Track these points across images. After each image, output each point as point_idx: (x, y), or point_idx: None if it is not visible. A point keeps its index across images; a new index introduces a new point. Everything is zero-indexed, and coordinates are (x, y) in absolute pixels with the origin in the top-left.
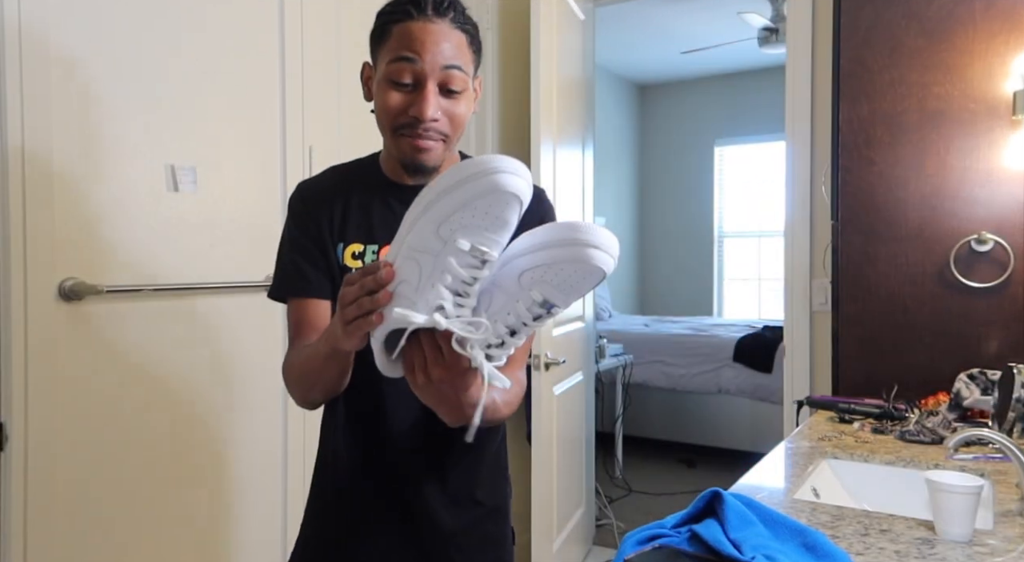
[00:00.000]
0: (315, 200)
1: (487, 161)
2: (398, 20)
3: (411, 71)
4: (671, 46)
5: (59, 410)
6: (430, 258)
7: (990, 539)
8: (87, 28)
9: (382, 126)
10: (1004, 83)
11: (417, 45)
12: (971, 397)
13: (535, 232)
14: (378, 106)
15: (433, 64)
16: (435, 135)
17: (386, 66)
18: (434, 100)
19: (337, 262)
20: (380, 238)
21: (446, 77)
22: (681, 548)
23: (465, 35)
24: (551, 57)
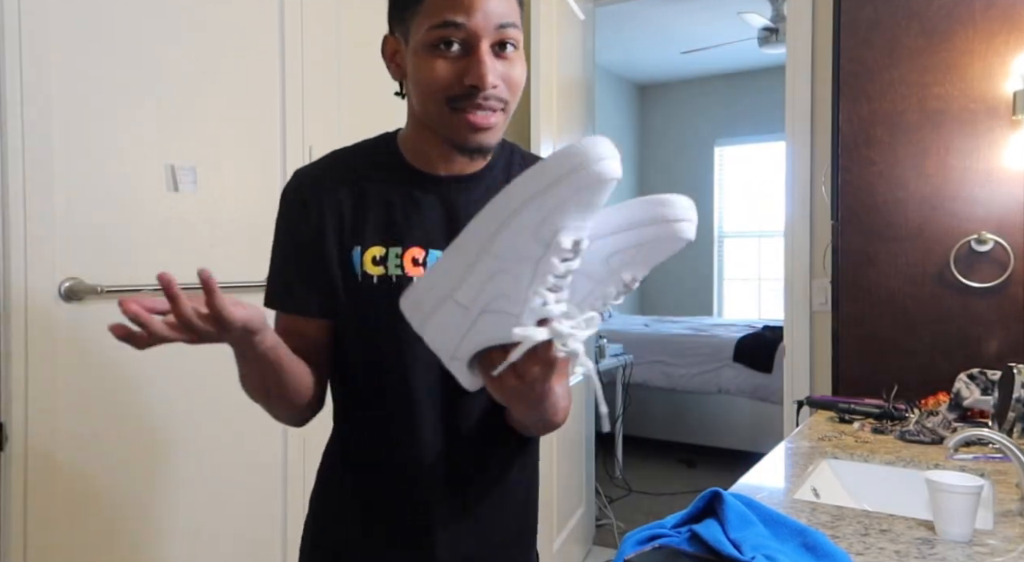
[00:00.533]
0: (316, 194)
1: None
2: None
3: (460, 34)
4: (671, 46)
5: (59, 410)
6: (530, 265)
7: (990, 539)
8: (87, 28)
9: (425, 103)
10: (1004, 83)
11: (464, 4)
12: (971, 397)
13: (617, 210)
14: (419, 81)
15: (486, 23)
16: (496, 103)
17: (426, 33)
18: (491, 63)
19: (353, 269)
20: (407, 240)
21: (501, 36)
22: (681, 548)
23: None
24: (551, 57)
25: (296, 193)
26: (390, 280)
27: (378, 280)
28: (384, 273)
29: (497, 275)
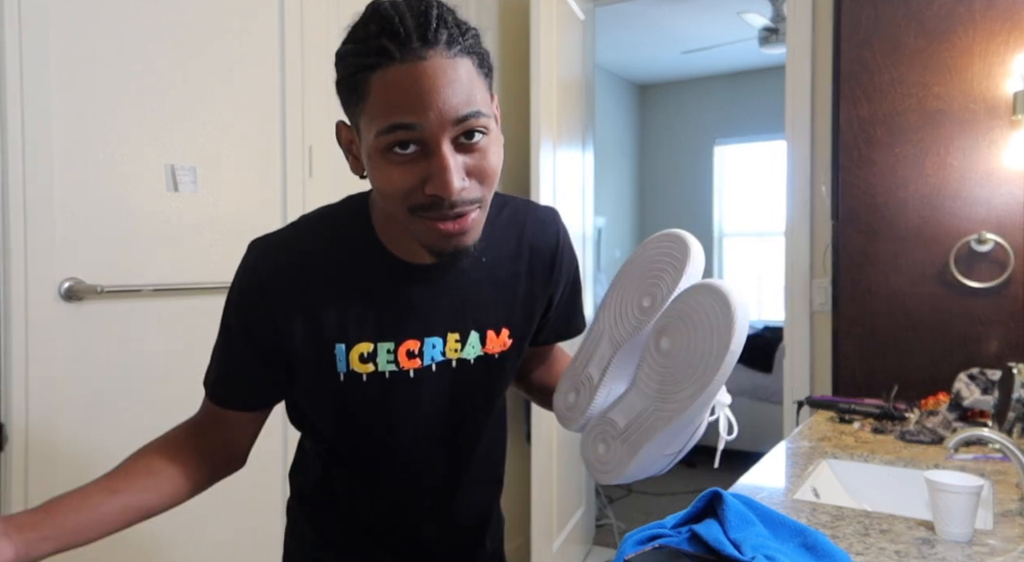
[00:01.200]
0: (285, 291)
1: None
2: (373, 66)
3: (413, 136)
4: (671, 46)
5: (59, 410)
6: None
7: (990, 539)
8: (87, 28)
9: (390, 208)
10: (1004, 83)
11: (414, 101)
12: (971, 397)
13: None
14: (377, 187)
15: (441, 121)
16: (466, 206)
17: (375, 138)
18: (455, 164)
19: (337, 368)
20: (400, 334)
21: (461, 130)
22: (681, 548)
23: (471, 58)
24: (551, 57)
25: (259, 290)
26: (382, 376)
27: (368, 378)
28: (374, 370)
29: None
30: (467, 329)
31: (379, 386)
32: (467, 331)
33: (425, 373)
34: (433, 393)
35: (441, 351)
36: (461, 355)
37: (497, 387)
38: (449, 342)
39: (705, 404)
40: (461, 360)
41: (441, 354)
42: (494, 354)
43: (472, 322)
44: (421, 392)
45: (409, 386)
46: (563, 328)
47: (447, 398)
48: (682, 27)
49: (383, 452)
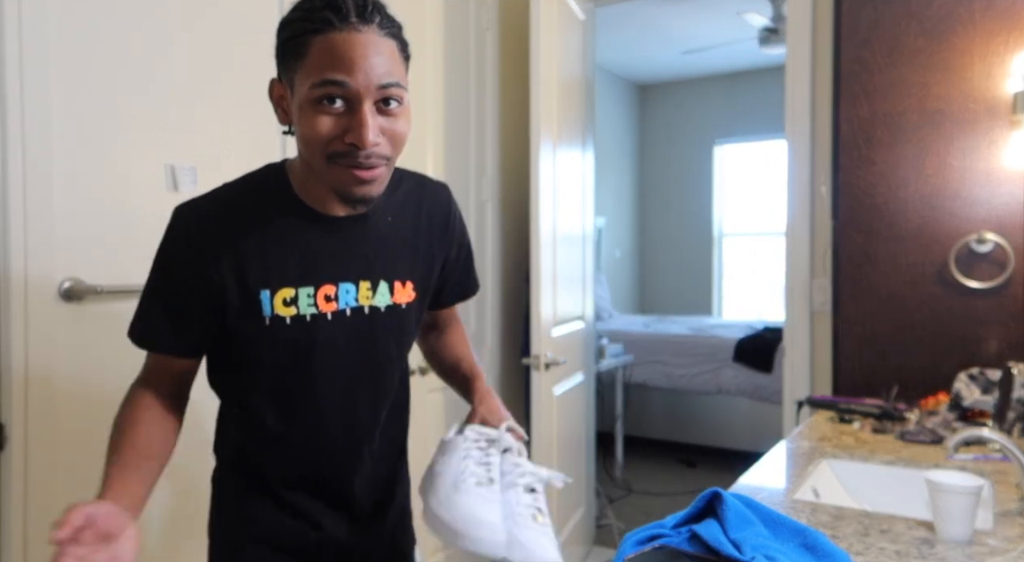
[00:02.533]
0: (211, 240)
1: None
2: (317, 30)
3: (342, 92)
4: (671, 46)
5: (59, 410)
6: None
7: (990, 539)
8: (87, 28)
9: (309, 156)
10: (1004, 83)
11: (346, 62)
12: (971, 397)
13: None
14: (304, 135)
15: (367, 83)
16: (377, 160)
17: (309, 90)
18: (372, 122)
19: (263, 312)
20: (317, 279)
21: (383, 94)
22: (681, 548)
23: (395, 42)
24: (551, 57)
25: (187, 236)
26: (303, 319)
27: (291, 320)
28: (296, 313)
29: None
30: (377, 278)
31: (301, 328)
32: (377, 280)
33: (341, 317)
34: (349, 335)
35: (355, 297)
36: (372, 302)
37: (405, 337)
38: (361, 289)
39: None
40: (373, 307)
41: (355, 300)
42: (401, 304)
43: (380, 272)
44: (338, 334)
45: (328, 328)
46: (460, 289)
47: (361, 342)
48: (682, 27)
49: (304, 399)
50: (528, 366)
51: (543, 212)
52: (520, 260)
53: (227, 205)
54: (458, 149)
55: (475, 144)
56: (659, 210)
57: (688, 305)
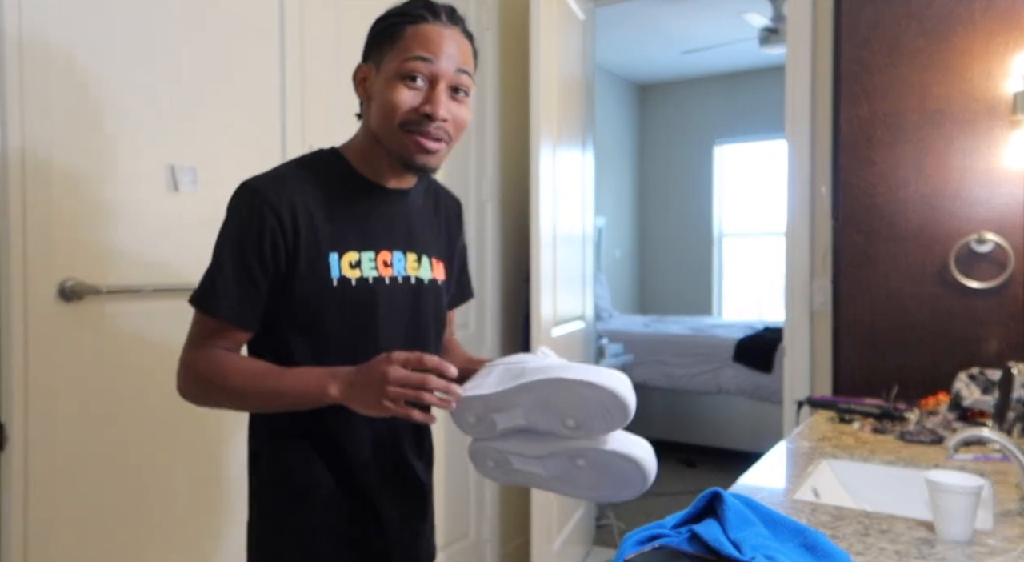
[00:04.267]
0: (279, 207)
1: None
2: (412, 21)
3: (426, 70)
4: (671, 46)
5: (59, 410)
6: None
7: (990, 539)
8: (87, 28)
9: (383, 122)
10: (1004, 83)
11: (434, 46)
12: (971, 397)
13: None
14: (384, 102)
15: (448, 66)
16: (443, 134)
17: (400, 64)
18: (446, 100)
19: (331, 273)
20: (378, 244)
21: (457, 80)
22: (681, 548)
23: (471, 45)
24: (551, 57)
25: (253, 206)
26: (367, 281)
27: (356, 282)
28: (360, 276)
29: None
30: (420, 252)
31: (366, 290)
32: (420, 254)
33: (396, 282)
34: (404, 303)
35: (404, 266)
36: (419, 274)
37: (440, 314)
38: (409, 260)
39: None
40: (419, 279)
41: (404, 269)
42: (438, 280)
43: (422, 247)
44: (396, 299)
45: (387, 292)
46: (458, 293)
47: (412, 311)
48: (682, 27)
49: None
50: None
51: (543, 212)
52: (520, 260)
53: (290, 177)
54: (458, 149)
55: (475, 144)
56: (659, 210)
57: (688, 305)
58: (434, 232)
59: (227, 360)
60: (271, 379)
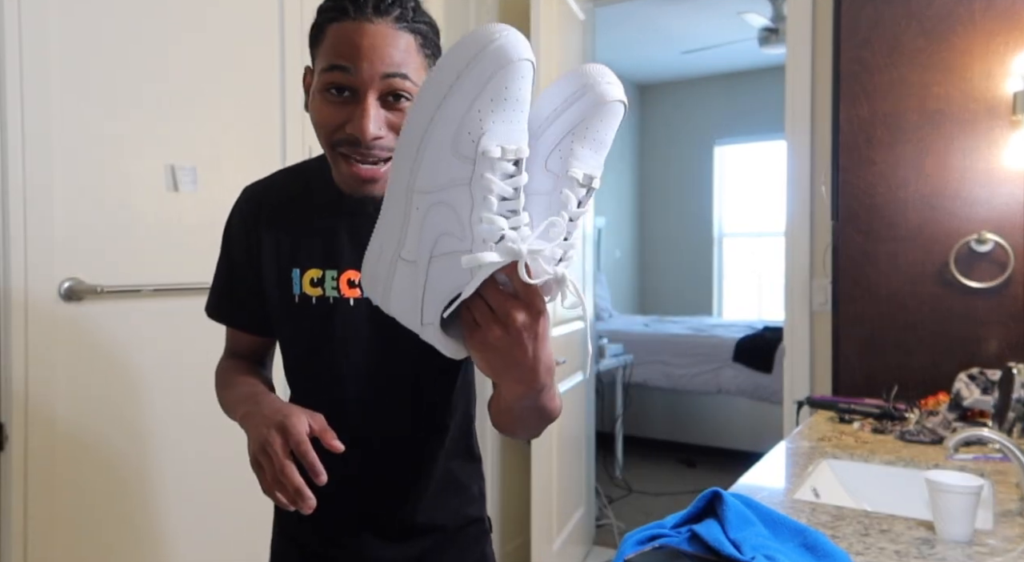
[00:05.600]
0: (257, 217)
1: (478, 34)
2: (332, 19)
3: (347, 81)
4: (671, 46)
5: (59, 410)
6: (462, 191)
7: (990, 539)
8: (87, 28)
9: (320, 142)
10: (1004, 83)
11: (353, 50)
12: (971, 397)
13: (533, 106)
14: (312, 119)
15: (371, 73)
16: (380, 152)
17: (319, 75)
18: (375, 114)
19: (293, 289)
20: (343, 263)
21: (387, 86)
22: (681, 548)
23: (414, 36)
24: (551, 57)
25: (241, 213)
26: (327, 301)
27: (316, 301)
28: (322, 294)
29: (431, 212)
30: None
31: (324, 309)
32: None
33: (364, 304)
34: (371, 324)
35: None
36: None
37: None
38: None
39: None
40: None
41: None
42: None
43: None
44: (359, 321)
45: (349, 313)
46: None
47: (384, 332)
48: (682, 27)
49: (327, 384)
50: None
51: None
52: None
53: (275, 185)
54: None
55: None
56: (659, 210)
57: (688, 305)
58: None
59: (223, 376)
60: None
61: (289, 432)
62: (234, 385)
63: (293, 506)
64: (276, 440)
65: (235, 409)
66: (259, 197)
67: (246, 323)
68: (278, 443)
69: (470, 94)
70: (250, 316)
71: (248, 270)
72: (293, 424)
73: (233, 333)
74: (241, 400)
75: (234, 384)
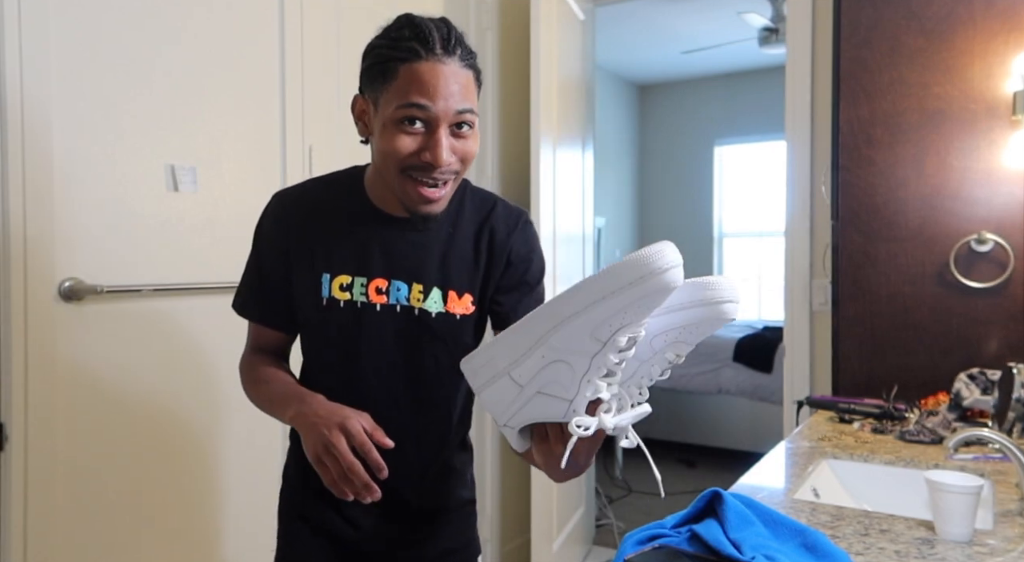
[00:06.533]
0: (290, 222)
1: (652, 260)
2: (404, 59)
3: (424, 116)
4: (671, 46)
5: (59, 410)
6: (586, 358)
7: (990, 539)
8: (87, 28)
9: (385, 168)
10: (1004, 83)
11: (429, 90)
12: (971, 397)
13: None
14: (383, 148)
15: (446, 109)
16: (447, 175)
17: (395, 110)
18: (447, 143)
19: (322, 292)
20: (372, 271)
21: (457, 120)
22: (681, 548)
23: (472, 72)
24: (551, 57)
25: (275, 217)
26: (355, 305)
27: (344, 304)
28: (350, 299)
29: (553, 363)
30: (430, 284)
31: (351, 313)
32: (430, 286)
33: (390, 311)
34: (397, 332)
35: (406, 296)
36: (423, 306)
37: (460, 349)
38: (413, 291)
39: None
40: (423, 310)
41: (406, 299)
42: (455, 314)
43: (435, 279)
44: (386, 327)
45: (375, 318)
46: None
47: (408, 341)
48: (682, 27)
49: (349, 383)
50: None
51: (543, 212)
52: None
53: (308, 194)
54: None
55: None
56: (659, 210)
57: None
58: (462, 261)
59: (254, 371)
60: (270, 388)
61: (351, 434)
62: (268, 381)
63: (357, 497)
64: (341, 441)
65: (278, 405)
66: (293, 203)
67: (274, 320)
68: (343, 444)
69: (624, 303)
70: (278, 315)
71: (279, 272)
72: (353, 425)
73: (259, 329)
74: (283, 397)
75: (267, 380)
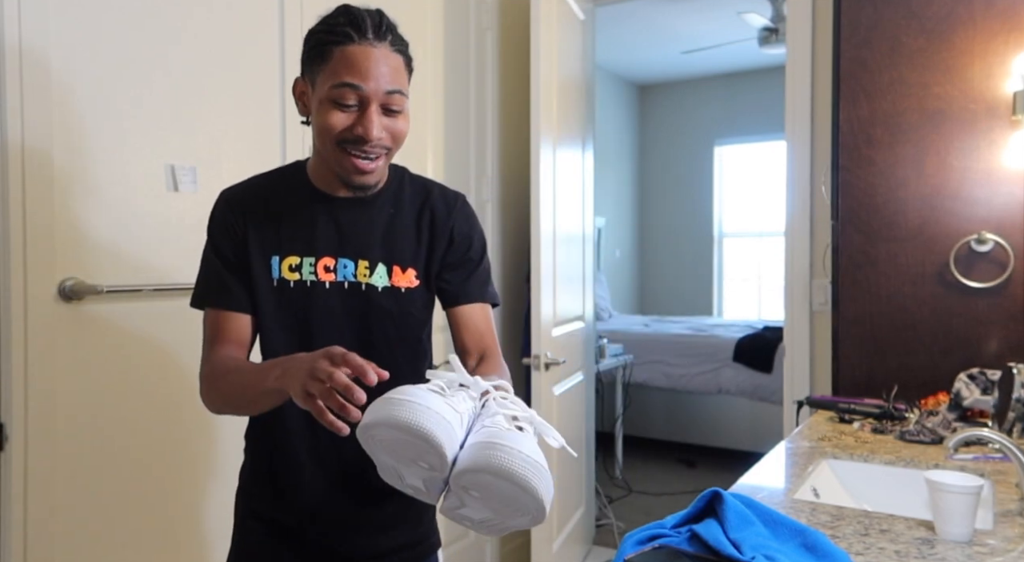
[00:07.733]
0: (239, 211)
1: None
2: (338, 43)
3: (355, 95)
4: (671, 46)
5: (59, 410)
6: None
7: (990, 539)
8: (87, 28)
9: (322, 144)
10: (1004, 83)
11: (361, 71)
12: (971, 397)
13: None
14: (319, 125)
15: (376, 89)
16: (379, 150)
17: (329, 89)
18: (378, 120)
19: (272, 274)
20: (319, 251)
21: (388, 101)
22: (681, 548)
23: (402, 57)
24: (551, 57)
25: (221, 214)
26: (305, 284)
27: (294, 284)
28: (300, 278)
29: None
30: (375, 260)
31: (301, 292)
32: (375, 261)
33: (338, 287)
34: (347, 308)
35: (352, 273)
36: (370, 281)
37: (408, 320)
38: (360, 267)
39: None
40: (370, 285)
41: (352, 275)
42: (400, 287)
43: (380, 255)
44: (335, 303)
45: (325, 295)
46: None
47: (359, 317)
48: (682, 27)
49: None
50: (528, 366)
51: (543, 212)
52: (520, 260)
53: (254, 186)
54: (458, 149)
55: (475, 144)
56: (659, 210)
57: (688, 305)
58: (405, 237)
59: (220, 366)
60: (243, 374)
61: (332, 354)
62: (239, 369)
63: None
64: (324, 362)
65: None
66: (239, 196)
67: (236, 303)
68: (325, 363)
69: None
70: (239, 297)
71: (239, 256)
72: (333, 350)
73: (222, 319)
74: (261, 370)
75: (238, 369)
